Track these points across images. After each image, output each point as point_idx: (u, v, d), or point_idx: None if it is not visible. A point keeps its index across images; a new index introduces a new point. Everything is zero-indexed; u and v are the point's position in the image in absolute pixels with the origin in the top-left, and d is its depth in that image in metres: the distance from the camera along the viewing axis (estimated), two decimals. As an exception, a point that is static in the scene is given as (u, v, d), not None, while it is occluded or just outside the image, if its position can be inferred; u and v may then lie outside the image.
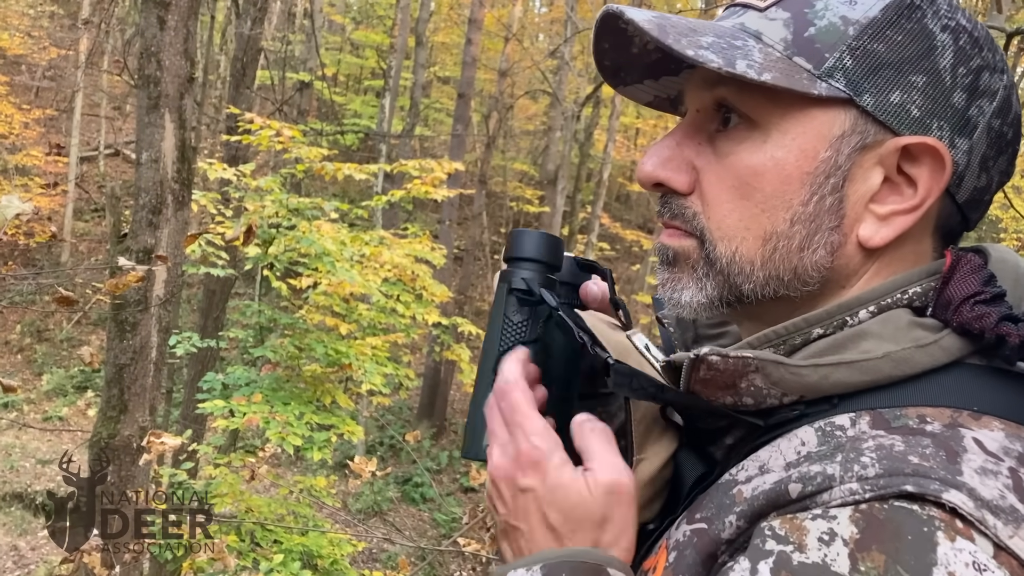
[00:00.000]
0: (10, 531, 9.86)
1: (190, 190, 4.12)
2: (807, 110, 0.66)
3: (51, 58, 17.96)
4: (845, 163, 0.66)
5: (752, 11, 0.70)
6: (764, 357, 0.64)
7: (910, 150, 0.66)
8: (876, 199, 0.67)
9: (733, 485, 0.65)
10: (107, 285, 2.81)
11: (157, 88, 3.83)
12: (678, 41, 0.66)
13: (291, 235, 5.49)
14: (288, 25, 16.54)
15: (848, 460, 0.58)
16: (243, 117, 6.08)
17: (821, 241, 0.67)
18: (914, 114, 0.66)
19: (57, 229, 14.99)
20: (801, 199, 0.67)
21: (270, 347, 5.64)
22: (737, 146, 0.69)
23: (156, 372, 4.08)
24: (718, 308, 0.72)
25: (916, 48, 0.66)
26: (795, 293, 0.69)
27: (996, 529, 0.52)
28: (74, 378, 13.26)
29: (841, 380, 0.63)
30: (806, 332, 0.67)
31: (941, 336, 0.64)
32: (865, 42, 0.66)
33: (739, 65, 0.65)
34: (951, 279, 0.65)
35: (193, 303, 12.57)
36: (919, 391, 0.62)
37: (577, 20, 14.35)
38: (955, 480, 0.55)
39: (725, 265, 0.70)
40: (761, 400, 0.66)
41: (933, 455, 0.56)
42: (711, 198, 0.70)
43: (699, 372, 0.67)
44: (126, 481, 3.87)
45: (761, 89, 0.66)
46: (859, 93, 0.65)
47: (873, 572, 0.52)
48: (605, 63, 0.77)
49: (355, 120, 17.50)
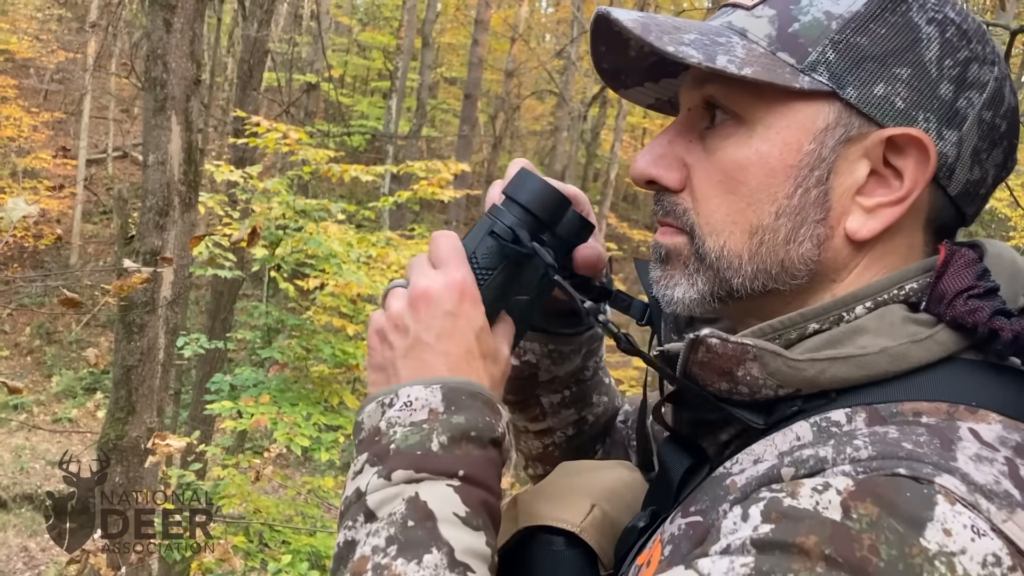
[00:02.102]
0: (20, 532, 9.90)
1: (197, 192, 4.13)
2: (791, 104, 0.67)
3: (59, 61, 18.03)
4: (829, 156, 0.67)
5: (740, 10, 0.71)
6: (763, 346, 0.65)
7: (895, 141, 0.66)
8: (863, 191, 0.67)
9: (727, 477, 0.65)
10: (113, 287, 2.81)
11: (163, 91, 3.84)
12: (660, 38, 0.67)
13: (298, 236, 5.51)
14: (295, 27, 16.56)
15: (841, 443, 0.58)
16: (250, 119, 6.10)
17: (807, 234, 0.67)
18: (899, 106, 0.66)
19: (64, 231, 15.05)
20: (786, 192, 0.67)
21: (278, 348, 5.65)
22: (724, 142, 0.70)
23: (164, 373, 4.09)
24: (710, 303, 0.72)
25: (900, 41, 0.66)
26: (784, 287, 0.69)
27: (989, 513, 0.52)
28: (83, 380, 13.31)
29: (838, 375, 0.63)
30: (802, 327, 0.67)
31: (935, 331, 0.64)
32: (848, 36, 0.66)
33: (719, 60, 0.66)
34: (945, 273, 0.66)
35: (201, 304, 12.60)
36: (915, 387, 0.62)
37: (583, 20, 14.35)
38: (948, 465, 0.55)
39: (714, 260, 0.70)
40: (756, 390, 0.66)
41: (927, 443, 0.57)
42: (700, 194, 0.71)
43: (697, 354, 0.67)
44: (134, 482, 3.88)
45: (746, 85, 0.67)
46: (842, 86, 0.66)
47: (865, 520, 0.52)
48: (604, 66, 0.77)
49: (362, 121, 17.53)
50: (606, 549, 0.75)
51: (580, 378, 0.99)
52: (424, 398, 0.68)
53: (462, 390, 0.69)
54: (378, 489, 0.66)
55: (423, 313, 0.72)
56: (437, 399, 0.68)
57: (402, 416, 0.68)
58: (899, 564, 0.50)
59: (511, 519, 0.78)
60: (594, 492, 0.80)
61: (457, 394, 0.69)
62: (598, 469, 0.88)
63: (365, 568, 0.63)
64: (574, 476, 0.86)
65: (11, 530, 9.95)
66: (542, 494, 0.81)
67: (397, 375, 0.72)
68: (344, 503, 0.68)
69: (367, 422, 0.70)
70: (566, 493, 0.80)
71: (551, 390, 0.97)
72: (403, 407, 0.68)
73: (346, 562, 0.64)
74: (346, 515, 0.67)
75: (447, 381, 0.69)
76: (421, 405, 0.68)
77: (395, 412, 0.68)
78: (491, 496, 0.68)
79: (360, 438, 0.70)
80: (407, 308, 0.73)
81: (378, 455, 0.67)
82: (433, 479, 0.66)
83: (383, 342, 0.74)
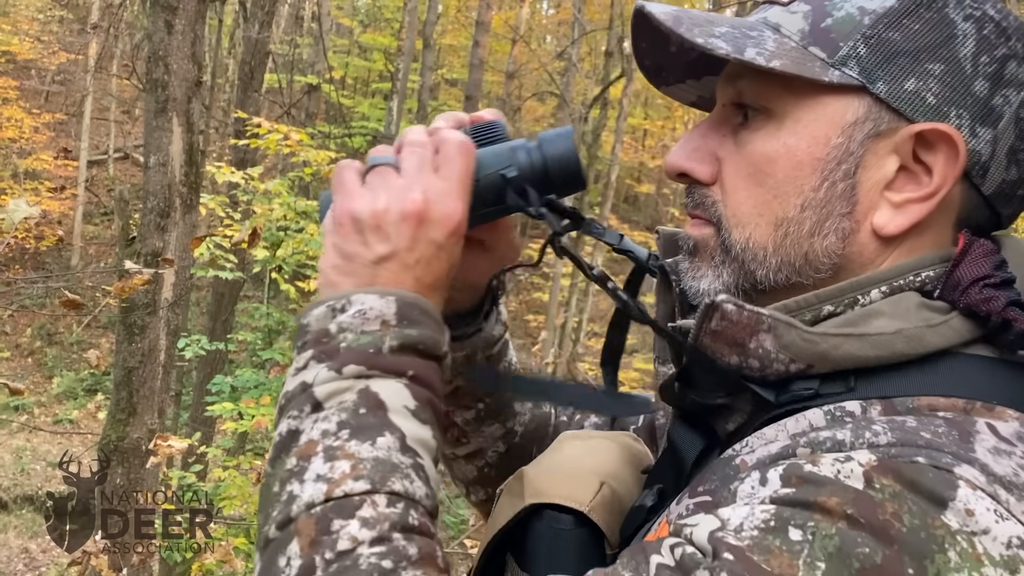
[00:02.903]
0: (21, 533, 9.90)
1: (198, 193, 4.13)
2: (819, 98, 0.67)
3: (60, 62, 18.05)
4: (857, 150, 0.66)
5: (776, 6, 0.71)
6: (779, 317, 0.64)
7: (925, 137, 0.66)
8: (891, 187, 0.67)
9: (736, 457, 0.65)
10: (115, 288, 2.82)
11: (165, 92, 3.85)
12: (691, 31, 0.67)
13: (299, 238, 5.51)
14: (296, 28, 16.59)
15: (859, 428, 0.59)
16: (251, 120, 6.10)
17: (832, 227, 0.67)
18: (930, 101, 0.65)
19: (65, 232, 15.05)
20: (812, 185, 0.67)
21: (279, 349, 5.65)
22: (754, 135, 0.70)
23: (165, 375, 4.09)
24: (734, 295, 0.71)
25: (934, 36, 0.66)
26: (807, 280, 0.69)
27: (1008, 504, 0.52)
28: (84, 381, 13.31)
29: (852, 352, 0.63)
30: (817, 308, 0.66)
31: (949, 317, 0.64)
32: (880, 31, 0.66)
33: (748, 52, 0.66)
34: (962, 262, 0.65)
35: (202, 306, 12.60)
36: (929, 381, 0.62)
37: (584, 22, 14.36)
38: (967, 456, 0.55)
39: (740, 252, 0.70)
40: (768, 364, 0.65)
41: (946, 434, 0.57)
42: (729, 186, 0.71)
43: (711, 321, 0.66)
44: (135, 484, 3.88)
45: (776, 79, 0.67)
46: (872, 81, 0.66)
47: (888, 491, 0.52)
48: (646, 63, 0.77)
49: (363, 123, 17.51)
50: (613, 528, 0.75)
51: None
52: (379, 309, 0.67)
53: (416, 305, 0.68)
54: (327, 381, 0.65)
55: (413, 232, 0.69)
56: (391, 311, 0.67)
57: (354, 323, 0.67)
58: (921, 532, 0.50)
59: (516, 494, 0.78)
60: (603, 468, 0.80)
61: (411, 309, 0.68)
62: (605, 439, 0.87)
63: (314, 451, 0.62)
64: (580, 449, 0.85)
65: (12, 531, 9.95)
66: (549, 469, 0.81)
67: (356, 276, 0.69)
68: (284, 397, 0.67)
69: (314, 324, 0.68)
70: (574, 469, 0.80)
71: (460, 405, 0.93)
72: (356, 314, 0.67)
73: (288, 449, 0.63)
74: (288, 407, 0.66)
75: (403, 296, 0.68)
76: (375, 315, 0.67)
77: (347, 318, 0.67)
78: (436, 398, 0.68)
79: (304, 340, 0.68)
80: (398, 217, 0.69)
81: (327, 352, 0.66)
82: (383, 376, 0.65)
83: (359, 233, 0.70)
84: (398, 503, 0.60)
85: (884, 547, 0.50)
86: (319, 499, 0.59)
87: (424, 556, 0.59)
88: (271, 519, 0.61)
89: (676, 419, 0.76)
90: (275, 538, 0.60)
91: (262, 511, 0.63)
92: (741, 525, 0.54)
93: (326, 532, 0.58)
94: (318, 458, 0.61)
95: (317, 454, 0.62)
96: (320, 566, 0.57)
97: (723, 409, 0.71)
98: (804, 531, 0.52)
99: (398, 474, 0.61)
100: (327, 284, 0.71)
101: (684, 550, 0.56)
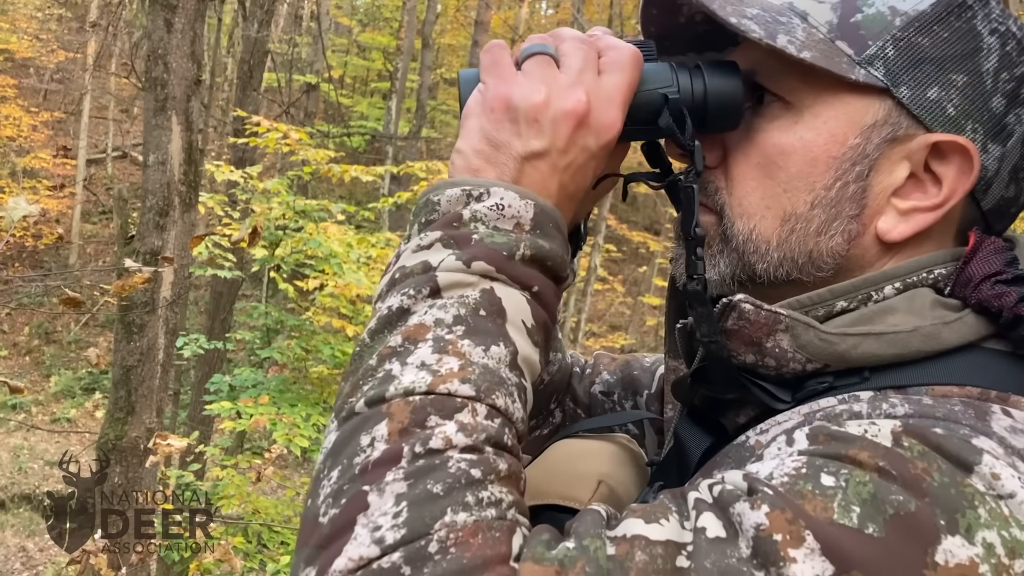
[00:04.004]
0: (18, 532, 9.89)
1: (197, 192, 4.13)
2: (841, 95, 0.66)
3: (59, 61, 18.01)
4: (873, 152, 0.66)
5: None
6: (797, 317, 0.64)
7: (940, 147, 0.66)
8: (899, 193, 0.67)
9: (750, 440, 0.65)
10: (113, 287, 2.81)
11: (164, 91, 3.84)
12: (723, 8, 0.66)
13: (298, 237, 5.51)
14: (295, 28, 16.56)
15: (876, 402, 0.59)
16: (250, 119, 6.10)
17: (839, 228, 0.67)
18: (949, 112, 0.65)
19: (64, 231, 15.03)
20: (824, 183, 0.67)
21: (277, 349, 5.65)
22: (768, 124, 0.69)
23: (163, 374, 4.09)
24: (729, 286, 0.71)
25: (961, 47, 0.66)
26: (808, 278, 0.69)
27: None
28: (82, 380, 13.29)
29: (870, 351, 0.63)
30: (830, 304, 0.66)
31: (963, 314, 0.64)
32: (910, 34, 0.65)
33: (780, 39, 0.65)
34: (973, 258, 0.65)
35: (200, 305, 12.59)
36: (944, 372, 0.62)
37: (583, 22, 14.35)
38: (985, 429, 0.55)
39: (741, 243, 0.70)
40: (784, 364, 0.65)
41: (962, 412, 0.57)
42: (736, 174, 0.70)
43: (728, 321, 0.66)
44: (133, 483, 3.88)
45: (797, 68, 0.66)
46: (897, 84, 0.65)
47: (916, 450, 0.52)
48: (651, 29, 0.76)
49: (362, 122, 17.51)
50: None
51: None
52: (516, 208, 0.62)
53: (552, 217, 0.64)
54: (452, 271, 0.61)
55: (571, 133, 0.64)
56: (528, 216, 0.63)
57: (489, 216, 0.62)
58: (951, 489, 0.51)
59: None
60: (600, 469, 0.79)
61: (547, 219, 0.63)
62: (602, 440, 0.87)
63: (424, 336, 0.58)
64: (578, 450, 0.85)
65: (9, 530, 9.94)
66: (547, 470, 0.80)
67: (501, 167, 0.64)
68: (400, 271, 0.62)
69: (445, 205, 0.63)
70: (571, 470, 0.80)
71: None
72: (493, 207, 0.62)
73: (395, 326, 0.60)
74: (403, 283, 0.61)
75: (542, 204, 0.64)
76: (511, 215, 0.62)
77: (483, 208, 0.62)
78: (551, 321, 0.65)
79: (430, 217, 0.63)
80: (560, 114, 0.64)
81: (456, 240, 0.62)
82: (509, 284, 0.62)
83: (513, 123, 0.64)
84: (496, 418, 0.57)
85: (916, 498, 0.50)
86: (421, 388, 0.56)
87: (511, 474, 0.56)
88: (361, 392, 0.57)
89: (683, 415, 0.76)
90: (361, 413, 0.56)
91: (349, 379, 0.60)
92: (771, 474, 0.54)
93: (420, 425, 0.55)
94: (426, 345, 0.58)
95: (426, 340, 0.58)
96: (406, 456, 0.53)
97: (734, 403, 0.71)
98: (837, 477, 0.52)
99: (503, 389, 0.58)
100: (467, 168, 0.65)
101: (724, 487, 0.55)
